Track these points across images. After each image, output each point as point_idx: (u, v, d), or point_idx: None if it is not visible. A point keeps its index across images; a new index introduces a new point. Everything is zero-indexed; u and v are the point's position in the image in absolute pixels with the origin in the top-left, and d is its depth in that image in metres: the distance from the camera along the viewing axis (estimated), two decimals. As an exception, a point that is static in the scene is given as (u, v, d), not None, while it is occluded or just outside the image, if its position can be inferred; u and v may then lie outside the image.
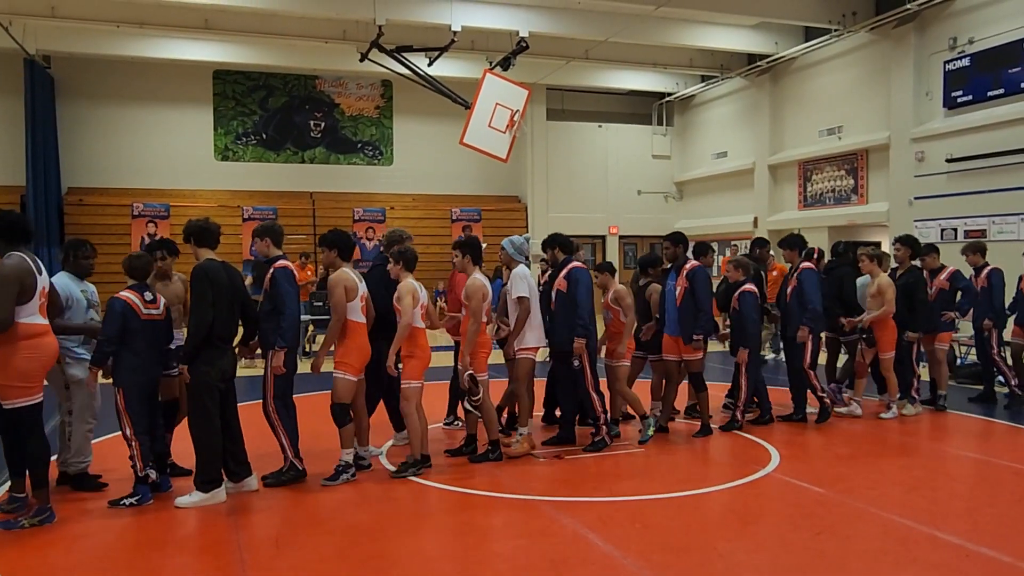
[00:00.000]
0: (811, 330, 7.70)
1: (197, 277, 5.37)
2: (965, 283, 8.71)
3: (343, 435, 5.90)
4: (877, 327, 8.00)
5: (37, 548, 4.63)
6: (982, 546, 4.53)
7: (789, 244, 8.12)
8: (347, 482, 5.85)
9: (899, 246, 8.53)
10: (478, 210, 22.21)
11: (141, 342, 5.34)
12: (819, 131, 18.38)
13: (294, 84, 21.68)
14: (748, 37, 18.53)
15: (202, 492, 5.36)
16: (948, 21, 14.93)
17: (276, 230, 5.97)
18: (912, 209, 15.45)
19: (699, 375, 7.36)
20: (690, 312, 7.16)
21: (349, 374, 5.86)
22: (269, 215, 20.27)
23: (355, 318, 5.87)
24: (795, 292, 7.81)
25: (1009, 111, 13.66)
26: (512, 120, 13.92)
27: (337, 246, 6.02)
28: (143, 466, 5.30)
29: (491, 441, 6.47)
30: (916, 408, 8.22)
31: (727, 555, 4.48)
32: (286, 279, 5.71)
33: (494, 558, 4.45)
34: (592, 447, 6.76)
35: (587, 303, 6.69)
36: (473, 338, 6.30)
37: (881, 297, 7.91)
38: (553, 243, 7.11)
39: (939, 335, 8.63)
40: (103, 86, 20.02)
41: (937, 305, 8.58)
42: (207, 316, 5.30)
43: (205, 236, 5.55)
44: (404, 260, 6.16)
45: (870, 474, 6.12)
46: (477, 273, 6.42)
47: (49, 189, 18.40)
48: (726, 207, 21.59)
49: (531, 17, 16.49)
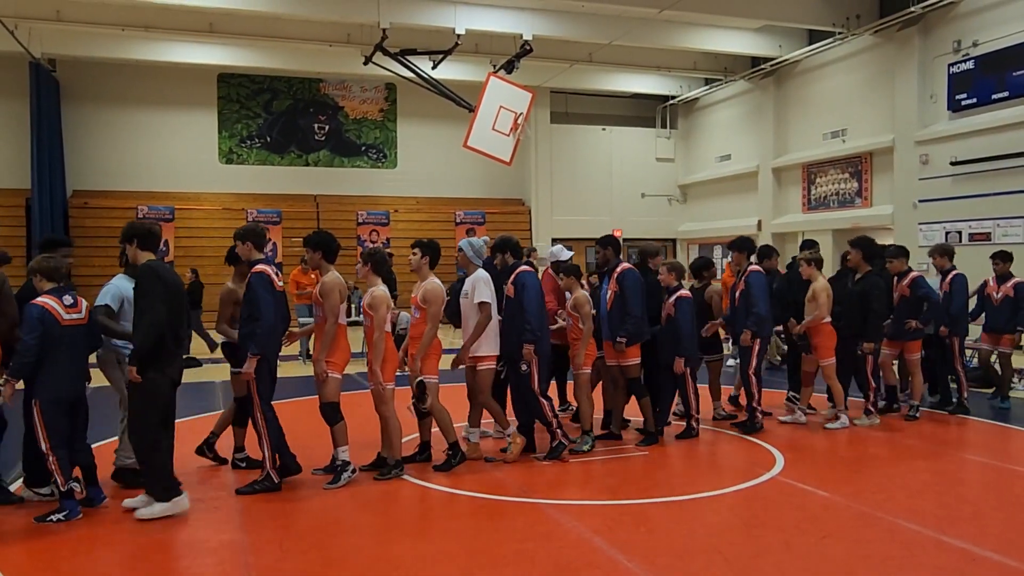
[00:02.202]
0: (755, 334, 7.45)
1: (146, 275, 5.09)
2: (924, 290, 8.04)
3: (336, 434, 5.85)
4: (813, 333, 7.66)
5: (42, 550, 4.64)
6: (988, 550, 4.51)
7: (738, 247, 7.84)
8: (349, 481, 5.82)
9: (850, 249, 8.02)
10: (482, 213, 22.23)
11: (62, 352, 5.03)
12: (823, 134, 18.37)
13: (298, 87, 21.73)
14: (752, 40, 18.54)
15: (163, 502, 5.10)
16: (952, 24, 14.92)
17: (258, 232, 5.86)
18: (916, 212, 15.43)
19: (637, 380, 7.06)
20: (621, 315, 6.86)
21: (335, 373, 5.85)
22: (273, 218, 20.31)
23: (340, 320, 5.90)
24: (742, 295, 7.56)
25: (1013, 114, 13.65)
26: (516, 123, 13.94)
27: (322, 248, 5.95)
28: (64, 481, 5.01)
29: (451, 444, 6.25)
30: (872, 420, 7.82)
31: (732, 560, 4.46)
32: (262, 285, 5.59)
33: (499, 562, 4.45)
34: (551, 454, 6.50)
35: (535, 308, 6.41)
36: (428, 343, 6.13)
37: (815, 302, 7.59)
38: (503, 247, 6.79)
39: (907, 344, 8.13)
40: (108, 89, 20.09)
41: (900, 313, 8.05)
42: (160, 315, 5.00)
43: (150, 239, 5.29)
44: (374, 263, 6.07)
45: (876, 478, 6.10)
46: (434, 277, 6.29)
47: (54, 192, 18.46)
48: (730, 210, 21.57)
49: (535, 20, 16.51)
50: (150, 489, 5.17)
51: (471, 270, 6.57)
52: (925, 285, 8.09)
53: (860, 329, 7.68)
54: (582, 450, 6.72)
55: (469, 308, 6.45)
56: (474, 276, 6.48)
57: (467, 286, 6.50)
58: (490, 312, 6.37)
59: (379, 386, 5.98)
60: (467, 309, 6.48)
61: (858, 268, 7.89)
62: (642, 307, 6.92)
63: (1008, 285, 8.87)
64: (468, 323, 6.47)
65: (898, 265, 8.22)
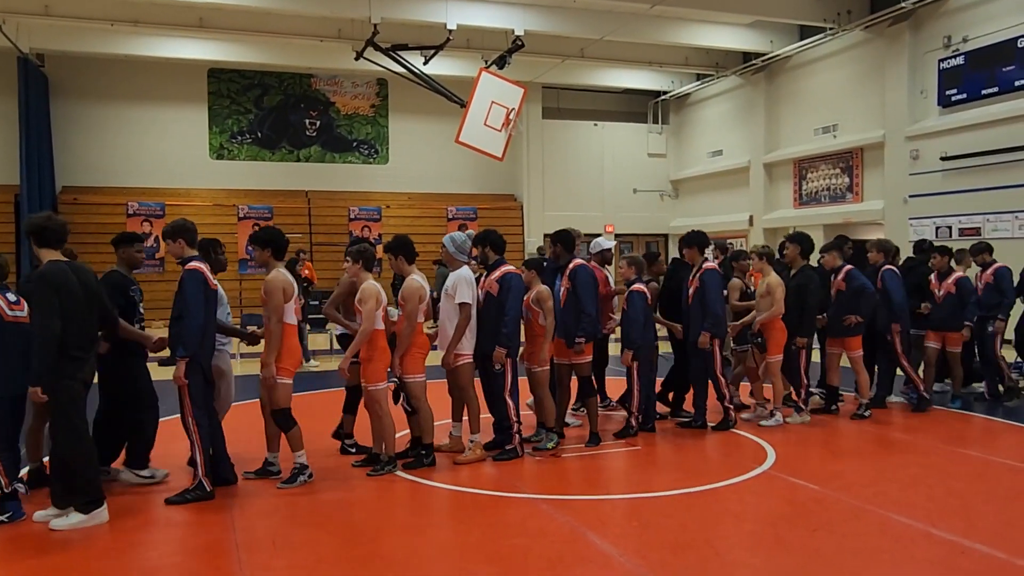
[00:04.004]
0: (713, 336, 7.24)
1: (37, 285, 4.81)
2: (859, 283, 7.85)
3: (291, 440, 5.71)
4: (766, 329, 7.56)
5: (34, 548, 4.62)
6: (977, 543, 4.54)
7: (689, 242, 7.54)
8: (304, 484, 5.72)
9: (787, 244, 7.90)
10: (474, 208, 22.20)
11: (9, 350, 4.97)
12: (814, 129, 18.41)
13: (289, 83, 21.63)
14: (743, 35, 18.55)
15: (82, 513, 4.90)
16: (943, 19, 14.97)
17: (188, 228, 5.61)
18: (907, 207, 15.49)
19: (588, 379, 6.99)
20: (573, 313, 6.76)
21: (285, 378, 5.68)
22: (264, 214, 20.25)
23: (289, 320, 5.68)
24: (696, 295, 7.33)
25: (1003, 109, 13.71)
26: (508, 119, 13.93)
27: (271, 245, 5.77)
28: (8, 482, 4.95)
29: (425, 445, 6.21)
30: (803, 417, 7.72)
31: (724, 553, 4.49)
32: (193, 282, 5.38)
33: (492, 557, 4.45)
34: (503, 455, 6.43)
35: (516, 311, 6.35)
36: (406, 341, 6.06)
37: (771, 297, 7.47)
38: (485, 241, 6.59)
39: (847, 341, 7.92)
40: (97, 85, 19.95)
41: (837, 308, 7.90)
42: (53, 327, 4.72)
43: (45, 235, 4.92)
44: (364, 260, 5.97)
45: (867, 471, 6.14)
46: (415, 274, 6.21)
47: (43, 188, 18.32)
48: (722, 206, 21.61)
49: (527, 15, 16.48)
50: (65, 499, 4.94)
51: (455, 266, 6.45)
52: (860, 277, 7.91)
53: (795, 324, 7.60)
54: (546, 448, 6.65)
55: (449, 306, 6.33)
56: (456, 274, 6.35)
57: (448, 284, 6.36)
58: (470, 313, 6.27)
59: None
60: (447, 307, 6.35)
61: (794, 263, 7.83)
62: (595, 304, 6.86)
63: (949, 281, 8.54)
64: (447, 321, 6.35)
65: (831, 259, 8.06)
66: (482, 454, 6.45)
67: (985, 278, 8.81)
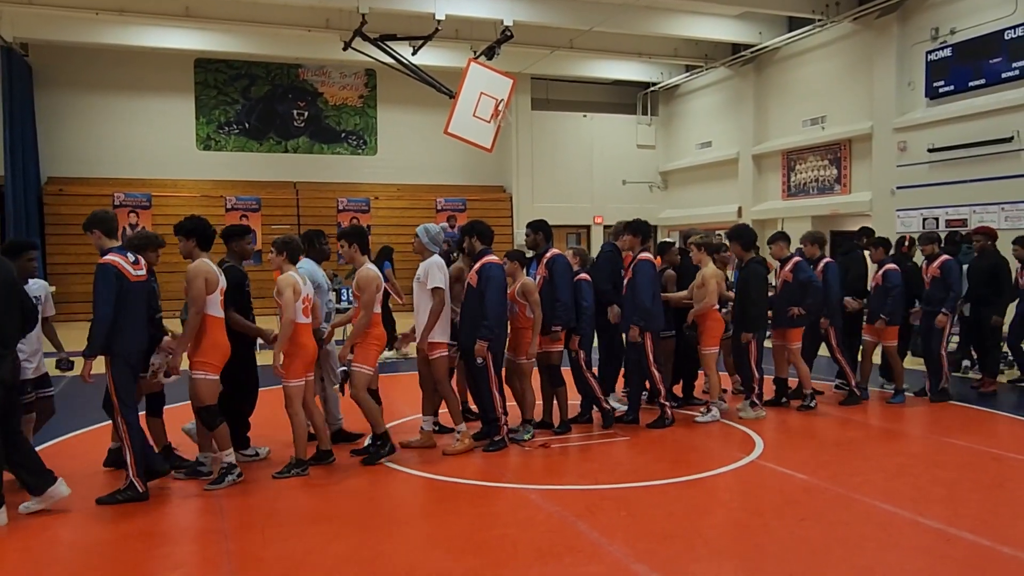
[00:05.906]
0: (642, 328, 7.05)
1: None
2: (806, 275, 7.71)
3: (217, 438, 5.53)
4: (701, 320, 7.45)
5: (22, 539, 4.60)
6: (963, 530, 4.59)
7: (633, 230, 7.30)
8: (233, 484, 5.52)
9: (728, 242, 7.75)
10: (463, 200, 22.16)
11: None
12: (803, 121, 18.45)
13: (277, 73, 21.49)
14: (732, 27, 18.55)
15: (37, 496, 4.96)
16: (930, 11, 15.01)
17: (107, 218, 5.31)
18: (894, 198, 15.56)
19: (556, 368, 6.98)
20: (548, 302, 6.72)
21: (210, 373, 5.46)
22: (252, 205, 20.15)
23: (214, 312, 5.46)
24: (629, 285, 7.13)
25: (990, 101, 13.77)
26: (497, 110, 13.89)
27: (196, 235, 5.57)
28: None
29: (379, 436, 6.12)
30: (758, 412, 7.59)
31: (711, 541, 4.51)
32: (103, 276, 5.05)
33: (481, 547, 4.46)
34: (492, 446, 6.44)
35: (496, 303, 6.31)
36: (361, 330, 5.96)
37: (704, 288, 7.38)
38: (471, 231, 6.59)
39: (788, 333, 7.87)
40: (83, 74, 19.75)
41: (782, 300, 7.79)
42: None
43: None
44: (288, 250, 5.82)
45: (854, 461, 6.18)
46: (368, 263, 6.14)
47: (28, 179, 18.16)
48: (711, 197, 21.64)
49: (515, 6, 16.42)
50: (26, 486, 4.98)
51: (426, 256, 6.42)
52: (807, 269, 7.80)
53: (739, 319, 7.56)
54: (523, 439, 6.66)
55: (421, 293, 6.32)
56: (428, 261, 6.35)
57: (420, 271, 6.34)
58: (443, 297, 6.27)
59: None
60: (419, 294, 6.35)
61: (742, 258, 7.73)
62: (569, 293, 6.87)
63: (879, 273, 8.26)
64: (420, 308, 6.34)
65: (778, 250, 7.99)
66: (470, 443, 6.46)
67: (932, 271, 8.35)
